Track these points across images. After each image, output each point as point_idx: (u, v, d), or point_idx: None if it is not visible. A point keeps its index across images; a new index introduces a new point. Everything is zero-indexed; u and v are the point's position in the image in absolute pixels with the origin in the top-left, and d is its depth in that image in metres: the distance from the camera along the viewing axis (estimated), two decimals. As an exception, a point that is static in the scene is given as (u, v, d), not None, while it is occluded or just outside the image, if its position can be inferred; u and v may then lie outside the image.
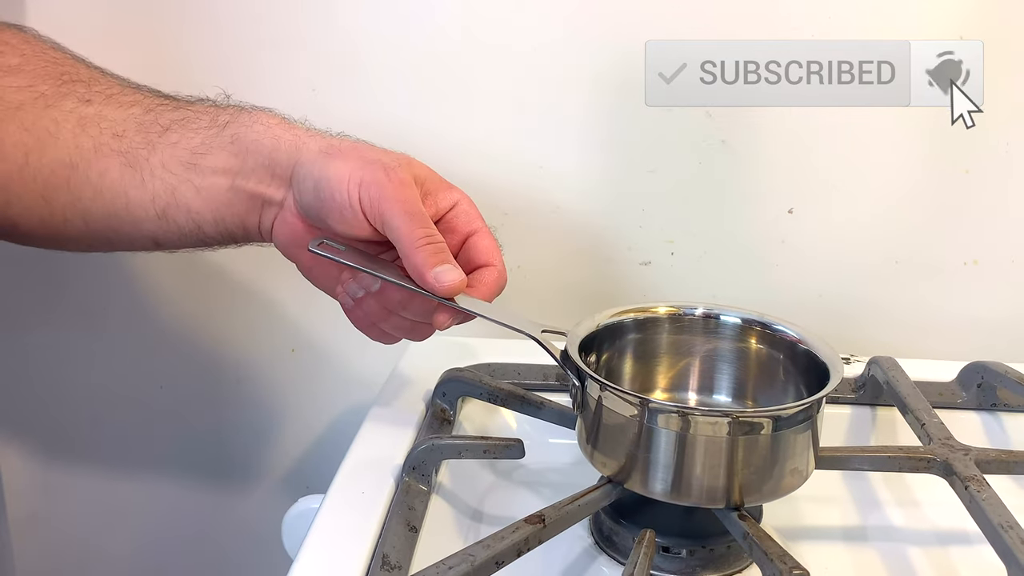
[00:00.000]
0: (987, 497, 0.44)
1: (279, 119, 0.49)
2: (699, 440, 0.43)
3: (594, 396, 0.45)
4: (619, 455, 0.45)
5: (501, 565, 0.40)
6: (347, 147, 0.47)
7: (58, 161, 0.47)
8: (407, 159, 0.48)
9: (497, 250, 0.48)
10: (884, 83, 0.62)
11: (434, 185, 0.48)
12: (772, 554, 0.40)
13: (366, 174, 0.45)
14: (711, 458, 0.43)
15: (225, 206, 0.48)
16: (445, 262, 0.44)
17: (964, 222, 0.66)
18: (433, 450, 0.48)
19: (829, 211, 0.66)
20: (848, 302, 0.67)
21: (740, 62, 0.62)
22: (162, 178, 0.47)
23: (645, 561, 0.40)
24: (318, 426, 0.73)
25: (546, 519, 0.42)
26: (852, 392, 0.59)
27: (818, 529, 0.51)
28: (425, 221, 0.45)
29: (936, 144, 0.64)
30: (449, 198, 0.48)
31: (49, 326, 0.73)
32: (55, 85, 0.48)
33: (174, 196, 0.48)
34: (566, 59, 0.64)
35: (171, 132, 0.48)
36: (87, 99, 0.48)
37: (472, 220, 0.48)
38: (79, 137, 0.47)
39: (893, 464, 0.48)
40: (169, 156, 0.47)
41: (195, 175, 0.47)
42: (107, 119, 0.48)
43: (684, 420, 0.43)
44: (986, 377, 0.58)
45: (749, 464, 0.43)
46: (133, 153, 0.47)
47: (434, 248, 0.44)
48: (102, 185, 0.48)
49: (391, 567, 0.42)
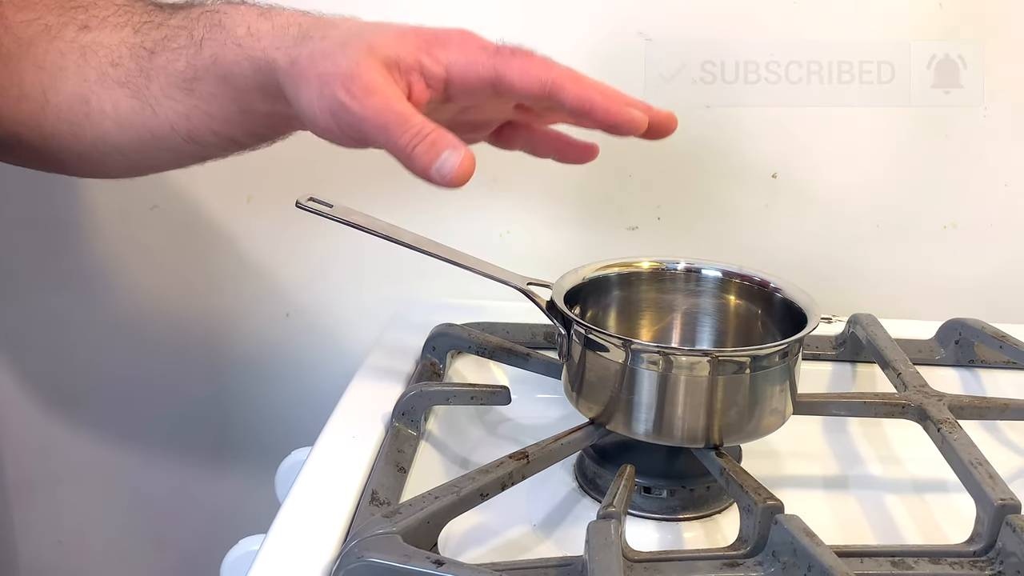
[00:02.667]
0: (958, 438, 0.45)
1: (245, 27, 0.45)
2: (680, 380, 0.44)
3: (579, 342, 0.47)
4: (603, 398, 0.46)
5: (485, 497, 0.41)
6: (305, 60, 0.43)
7: (72, 95, 0.47)
8: (367, 45, 0.42)
9: (539, 64, 0.43)
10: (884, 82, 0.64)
11: (410, 60, 0.43)
12: (747, 487, 0.41)
13: (329, 99, 0.41)
14: (692, 398, 0.44)
15: (247, 121, 0.47)
16: (439, 153, 0.40)
17: (944, 186, 0.67)
18: (422, 396, 0.49)
19: (812, 176, 0.67)
20: (830, 265, 0.68)
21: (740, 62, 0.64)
22: (170, 106, 0.47)
23: (624, 492, 0.41)
24: (311, 387, 0.74)
25: (530, 455, 0.43)
26: (833, 349, 0.60)
27: (798, 478, 0.52)
28: (403, 122, 0.41)
29: (917, 109, 0.65)
30: (435, 68, 0.43)
31: (45, 292, 0.74)
32: (58, 14, 0.48)
33: (190, 121, 0.47)
34: (551, 23, 0.64)
35: (156, 55, 0.47)
36: (85, 25, 0.48)
37: (480, 65, 0.43)
38: (83, 69, 0.47)
39: (869, 410, 0.50)
40: (165, 82, 0.47)
41: (199, 101, 0.46)
42: (104, 45, 0.48)
43: (666, 360, 0.44)
44: (964, 333, 0.59)
45: (729, 404, 0.44)
46: (134, 83, 0.47)
47: (425, 146, 0.40)
48: (119, 117, 0.47)
49: (380, 502, 0.43)
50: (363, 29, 0.44)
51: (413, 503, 0.39)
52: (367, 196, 0.59)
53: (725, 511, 0.47)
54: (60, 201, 0.71)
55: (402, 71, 0.43)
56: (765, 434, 0.46)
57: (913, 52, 0.64)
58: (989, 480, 0.42)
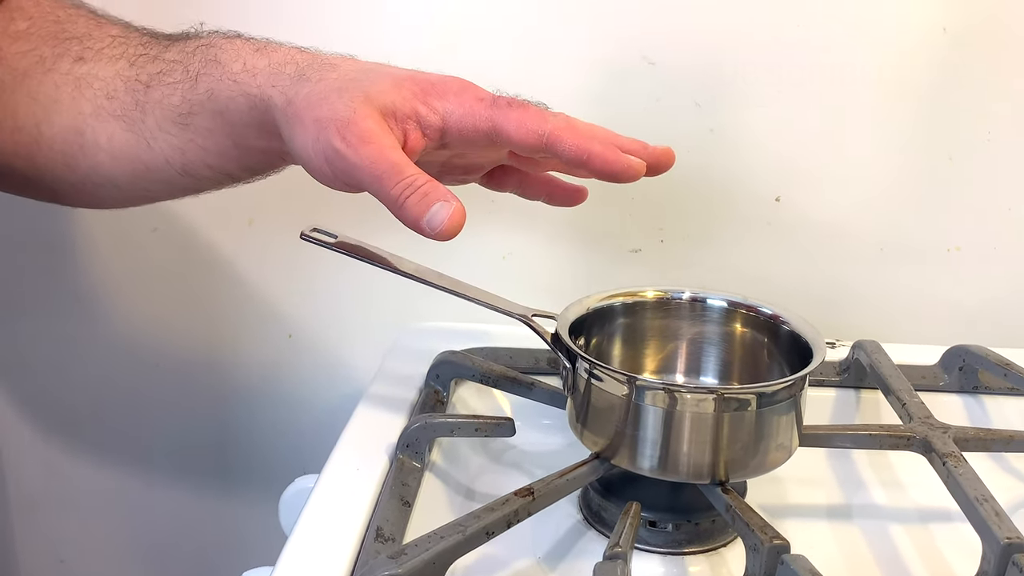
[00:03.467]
0: (964, 472, 0.45)
1: (241, 63, 0.45)
2: (686, 417, 0.44)
3: (584, 376, 0.46)
4: (608, 433, 0.46)
5: (491, 535, 0.41)
6: (301, 101, 0.43)
7: (66, 128, 0.47)
8: (364, 92, 0.42)
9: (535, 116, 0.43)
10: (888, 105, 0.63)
11: (406, 109, 0.43)
12: (753, 525, 0.41)
13: (324, 145, 0.41)
14: (697, 435, 0.44)
15: (242, 156, 0.47)
16: (431, 205, 0.40)
17: (947, 209, 0.67)
18: (426, 428, 0.49)
19: (815, 199, 0.67)
20: (834, 287, 0.68)
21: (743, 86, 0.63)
22: (165, 140, 0.47)
23: (631, 531, 0.41)
24: (315, 410, 0.74)
25: (535, 492, 0.43)
26: (837, 375, 0.60)
27: (802, 507, 0.52)
28: (396, 172, 0.40)
29: (921, 132, 0.65)
30: (432, 117, 0.43)
31: (48, 313, 0.73)
32: (52, 46, 0.48)
33: (185, 155, 0.47)
34: (558, 46, 0.64)
35: (152, 89, 0.46)
36: (80, 57, 0.48)
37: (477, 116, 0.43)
38: (78, 101, 0.47)
39: (874, 442, 0.49)
40: (160, 116, 0.46)
41: (195, 135, 0.46)
42: (99, 78, 0.47)
43: (671, 397, 0.44)
44: (968, 360, 0.59)
45: (735, 440, 0.44)
46: (129, 116, 0.47)
47: (416, 197, 0.40)
48: (113, 150, 0.47)
49: (385, 539, 0.42)
50: (360, 74, 0.44)
51: (419, 543, 0.39)
52: (368, 218, 0.59)
53: (730, 544, 0.47)
54: (60, 223, 0.71)
55: (398, 120, 0.43)
56: (771, 469, 0.46)
57: (916, 76, 0.64)
58: (995, 518, 0.42)
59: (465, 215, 0.41)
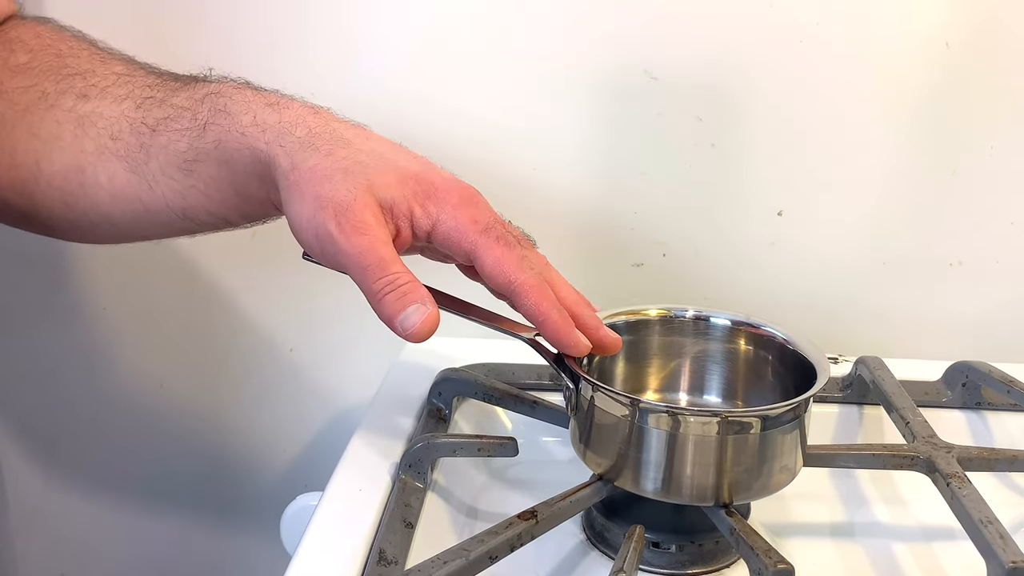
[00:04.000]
0: (968, 493, 0.45)
1: (251, 116, 0.45)
2: (689, 439, 0.44)
3: (587, 397, 0.46)
4: (611, 454, 0.46)
5: (495, 560, 0.41)
6: (306, 173, 0.43)
7: (67, 166, 0.47)
8: (368, 181, 0.43)
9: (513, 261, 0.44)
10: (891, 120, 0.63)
11: (404, 207, 0.44)
12: (758, 549, 0.41)
13: (319, 224, 0.42)
14: (701, 457, 0.44)
15: (240, 206, 0.47)
16: (407, 306, 0.42)
17: (950, 223, 0.67)
18: (429, 448, 0.49)
19: (818, 213, 0.67)
20: (836, 302, 0.68)
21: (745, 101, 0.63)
22: (167, 184, 0.47)
23: (634, 556, 0.41)
24: (316, 425, 0.73)
25: (538, 515, 0.43)
26: (840, 391, 0.60)
27: (806, 526, 0.52)
28: (381, 268, 0.42)
29: (923, 146, 0.65)
30: (424, 221, 0.44)
31: (50, 325, 0.73)
32: (55, 81, 0.48)
33: (186, 200, 0.47)
34: (558, 63, 0.64)
35: (158, 134, 0.47)
36: (84, 94, 0.48)
37: (463, 237, 0.44)
38: (81, 140, 0.47)
39: (878, 462, 0.49)
40: (165, 161, 0.47)
41: (198, 181, 0.47)
42: (103, 117, 0.47)
43: (674, 420, 0.44)
44: (971, 376, 0.59)
45: (738, 463, 0.44)
46: (132, 157, 0.47)
47: (395, 295, 0.42)
48: (114, 190, 0.47)
49: (388, 562, 0.42)
50: (370, 158, 0.44)
51: (422, 568, 0.39)
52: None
53: (734, 565, 0.47)
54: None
55: (394, 215, 0.44)
56: (775, 491, 0.46)
57: (919, 90, 0.64)
58: (1000, 541, 0.41)
59: (438, 321, 0.42)
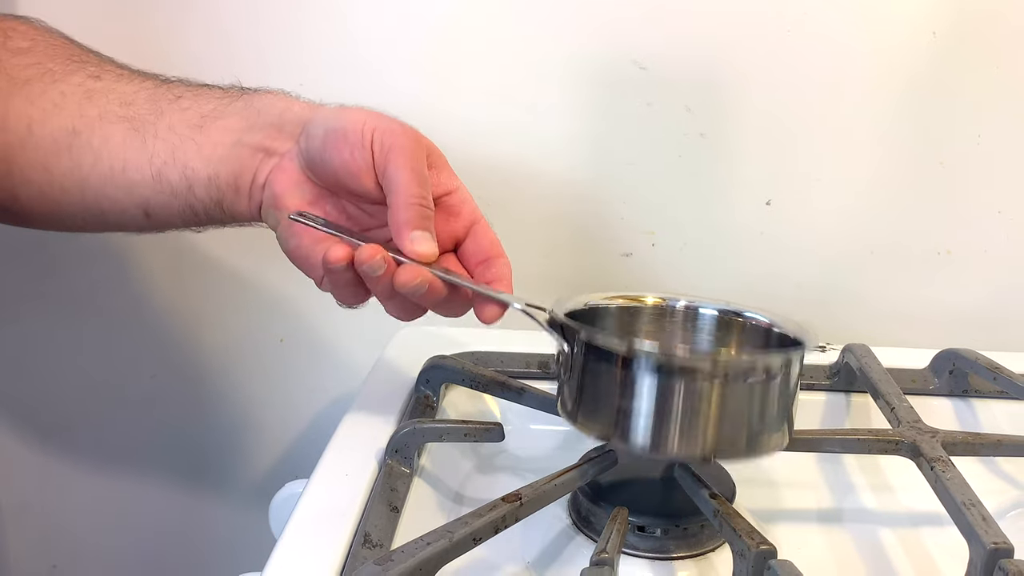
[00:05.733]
0: (951, 477, 0.45)
1: (296, 99, 0.49)
2: (681, 383, 0.42)
3: (580, 353, 0.45)
4: (602, 409, 0.44)
5: (479, 542, 0.41)
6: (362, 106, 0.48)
7: (61, 128, 0.48)
8: (421, 134, 0.48)
9: (500, 243, 0.49)
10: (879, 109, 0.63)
11: (440, 162, 0.48)
12: (741, 530, 0.41)
13: (383, 122, 0.46)
14: (693, 402, 0.43)
15: (223, 161, 0.48)
16: (427, 230, 0.45)
17: (938, 213, 0.67)
18: (415, 433, 0.49)
19: (806, 203, 0.67)
20: (825, 292, 0.68)
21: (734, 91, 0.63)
22: (165, 138, 0.48)
23: (617, 538, 0.41)
24: (306, 414, 0.74)
25: (523, 498, 0.43)
26: (827, 379, 0.60)
27: (793, 512, 0.52)
28: (425, 183, 0.45)
29: (911, 136, 0.65)
30: (451, 181, 0.48)
31: (39, 315, 0.74)
32: (63, 63, 0.49)
33: (173, 154, 0.48)
34: (549, 53, 0.64)
35: (183, 99, 0.49)
36: (96, 75, 0.49)
37: (474, 210, 0.48)
38: (84, 106, 0.48)
39: (863, 446, 0.49)
40: (178, 119, 0.48)
41: (200, 134, 0.48)
42: (116, 92, 0.49)
43: (668, 362, 0.43)
44: (958, 364, 0.59)
45: (728, 411, 0.43)
46: (140, 119, 0.48)
47: (423, 212, 0.45)
48: (103, 150, 0.48)
49: (373, 545, 0.42)
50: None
51: (406, 549, 0.39)
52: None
53: (718, 549, 0.47)
54: None
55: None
56: (764, 453, 0.45)
57: (906, 80, 0.64)
58: (982, 522, 0.42)
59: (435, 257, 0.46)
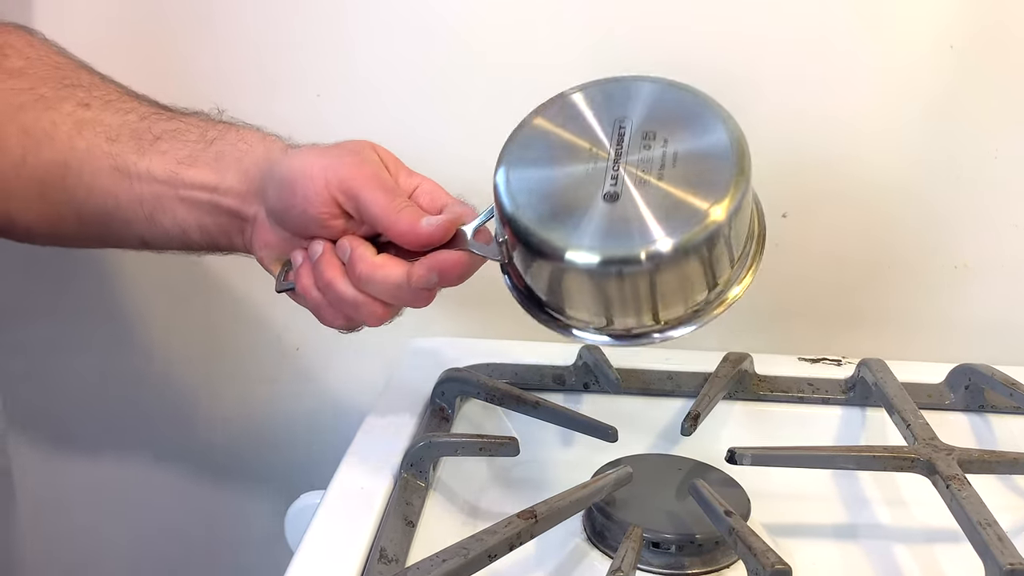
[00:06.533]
0: (967, 496, 0.45)
1: (263, 137, 0.49)
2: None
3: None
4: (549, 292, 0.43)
5: (494, 558, 0.41)
6: (309, 146, 0.48)
7: (53, 161, 0.49)
8: (370, 144, 0.48)
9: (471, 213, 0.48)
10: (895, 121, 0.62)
11: (395, 167, 0.48)
12: (756, 549, 0.41)
13: (332, 160, 0.46)
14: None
15: (207, 217, 0.49)
16: (422, 216, 0.45)
17: (954, 226, 0.66)
18: (430, 447, 0.49)
19: (822, 216, 0.67)
20: (840, 305, 0.68)
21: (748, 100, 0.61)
22: (149, 184, 0.49)
23: (632, 555, 0.41)
24: (321, 424, 0.74)
25: (538, 514, 0.43)
26: (842, 393, 0.60)
27: (806, 526, 0.52)
28: (400, 193, 0.46)
29: (928, 148, 0.65)
30: (410, 181, 0.48)
31: (48, 322, 0.74)
32: (55, 88, 0.50)
33: (160, 202, 0.49)
34: (558, 52, 0.64)
35: (162, 141, 0.49)
36: (86, 103, 0.50)
37: (438, 197, 0.48)
38: (74, 139, 0.49)
39: (878, 463, 0.49)
40: (157, 164, 0.48)
41: (180, 187, 0.48)
42: (103, 124, 0.49)
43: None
44: (973, 379, 0.59)
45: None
46: (123, 157, 0.49)
47: (413, 210, 0.45)
48: (94, 185, 0.49)
49: (388, 560, 0.43)
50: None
51: (421, 566, 0.39)
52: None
53: (733, 566, 0.47)
54: None
55: None
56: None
57: (924, 91, 0.63)
58: (998, 543, 0.41)
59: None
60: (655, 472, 0.50)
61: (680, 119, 0.43)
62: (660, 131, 0.43)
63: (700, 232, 0.40)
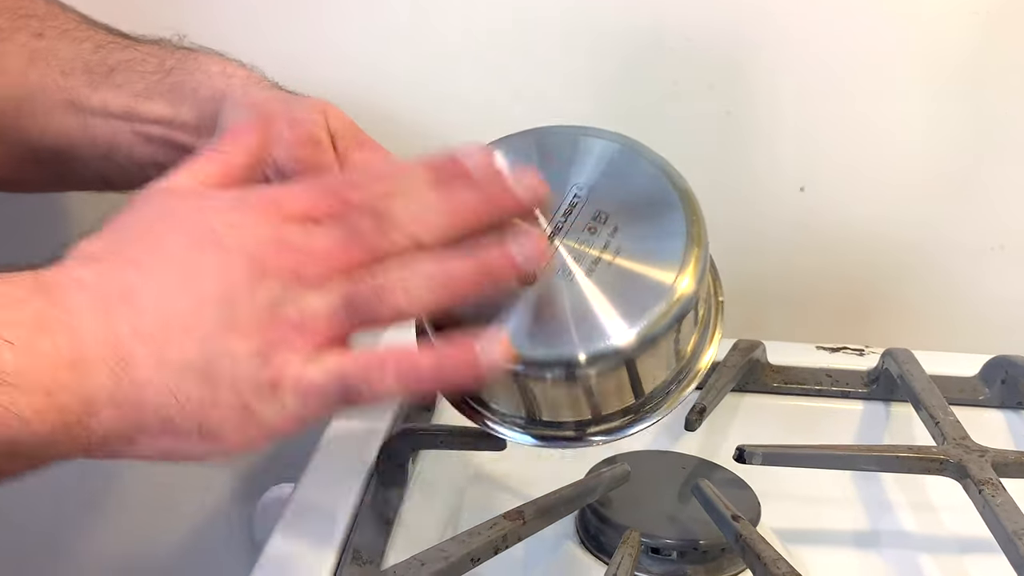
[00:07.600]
0: (1002, 502, 0.42)
1: (221, 65, 0.47)
2: None
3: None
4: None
5: (477, 562, 0.39)
6: (260, 100, 0.45)
7: (7, 97, 0.48)
8: (322, 107, 0.44)
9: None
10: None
11: (349, 142, 0.45)
12: (765, 558, 0.38)
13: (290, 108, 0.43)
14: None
15: (163, 153, 0.48)
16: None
17: (989, 204, 0.64)
18: (409, 439, 0.47)
19: (843, 190, 0.65)
20: (862, 289, 0.66)
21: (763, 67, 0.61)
22: (104, 120, 0.48)
23: (628, 562, 0.39)
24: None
25: (526, 515, 0.41)
26: (864, 386, 0.57)
27: (823, 533, 0.49)
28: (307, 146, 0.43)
29: (958, 123, 0.62)
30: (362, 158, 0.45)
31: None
32: (10, 20, 0.49)
33: (116, 139, 0.48)
34: (572, 29, 0.63)
35: (117, 73, 0.48)
36: (39, 32, 0.49)
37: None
38: (27, 72, 0.48)
39: (902, 465, 0.46)
40: (112, 98, 0.47)
41: (135, 121, 0.47)
42: (57, 55, 0.49)
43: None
44: (1011, 372, 0.56)
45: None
46: (77, 92, 0.48)
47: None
48: (48, 125, 0.48)
49: (363, 562, 0.41)
50: None
51: (398, 570, 0.37)
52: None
53: (741, 575, 0.44)
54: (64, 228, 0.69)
55: None
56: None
57: (953, 59, 0.61)
58: (1037, 556, 0.38)
59: None
60: (655, 471, 0.48)
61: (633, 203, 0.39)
62: (611, 215, 0.38)
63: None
